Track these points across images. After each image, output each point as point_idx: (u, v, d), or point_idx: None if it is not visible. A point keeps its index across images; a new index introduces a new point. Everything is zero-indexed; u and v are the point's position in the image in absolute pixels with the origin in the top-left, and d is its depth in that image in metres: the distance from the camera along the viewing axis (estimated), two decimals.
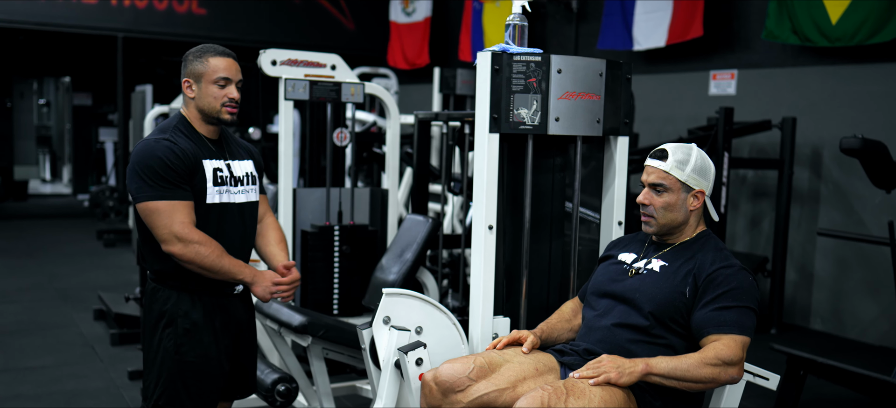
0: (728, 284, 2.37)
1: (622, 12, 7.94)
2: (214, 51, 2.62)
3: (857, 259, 6.22)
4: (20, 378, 4.72)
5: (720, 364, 2.29)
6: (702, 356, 2.30)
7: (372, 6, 11.91)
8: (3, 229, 10.46)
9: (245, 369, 2.81)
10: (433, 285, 4.41)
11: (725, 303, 2.35)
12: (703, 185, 2.51)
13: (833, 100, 6.42)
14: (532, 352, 2.52)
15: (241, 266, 2.60)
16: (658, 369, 2.29)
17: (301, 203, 4.57)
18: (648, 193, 2.53)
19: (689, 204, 2.51)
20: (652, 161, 2.53)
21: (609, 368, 2.27)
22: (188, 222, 2.50)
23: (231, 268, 2.56)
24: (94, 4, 10.33)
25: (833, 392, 4.67)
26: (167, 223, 2.48)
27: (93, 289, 6.84)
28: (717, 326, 2.34)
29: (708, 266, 2.42)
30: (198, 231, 2.51)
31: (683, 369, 2.28)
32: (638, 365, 2.28)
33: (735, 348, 2.31)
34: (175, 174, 2.50)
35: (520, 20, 2.72)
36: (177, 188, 2.51)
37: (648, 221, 2.54)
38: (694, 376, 2.29)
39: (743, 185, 7.10)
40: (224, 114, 2.61)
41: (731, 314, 2.34)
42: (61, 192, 14.99)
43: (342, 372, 4.44)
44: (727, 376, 2.31)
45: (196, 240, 2.49)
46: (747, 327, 2.34)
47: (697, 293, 2.40)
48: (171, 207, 2.49)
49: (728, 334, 2.32)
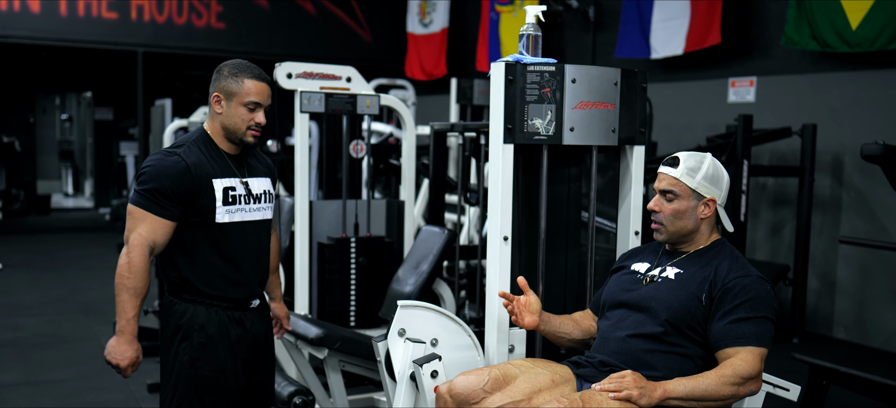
0: (745, 295, 2.34)
1: (639, 20, 7.91)
2: (251, 73, 2.60)
3: (881, 267, 6.13)
4: (41, 391, 4.75)
5: (739, 381, 2.27)
6: (720, 374, 2.27)
7: (389, 17, 11.96)
8: (27, 243, 10.58)
9: (262, 383, 2.80)
10: (450, 297, 4.39)
11: (742, 314, 2.32)
12: (714, 193, 2.48)
13: (854, 106, 6.35)
14: (548, 364, 2.50)
15: (124, 316, 2.48)
16: (677, 392, 2.26)
17: (318, 215, 4.58)
18: (659, 199, 2.52)
19: (699, 212, 2.49)
20: (663, 168, 2.53)
21: (632, 386, 2.23)
22: (146, 238, 2.48)
23: (121, 307, 2.48)
24: (114, 20, 10.45)
25: (856, 403, 4.60)
26: (131, 226, 2.51)
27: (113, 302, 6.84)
28: (735, 339, 2.31)
29: (724, 275, 2.39)
30: (143, 255, 2.46)
31: (703, 390, 2.26)
32: (657, 390, 2.25)
33: (753, 362, 2.28)
34: (168, 192, 2.50)
35: (534, 30, 2.71)
36: (159, 205, 2.50)
37: (658, 228, 2.53)
38: (714, 396, 2.27)
39: (763, 193, 7.03)
40: (248, 137, 2.62)
41: (748, 326, 2.31)
42: (83, 206, 15.14)
43: (359, 384, 4.43)
44: (747, 391, 2.29)
45: (134, 258, 2.46)
46: (764, 338, 2.32)
47: (714, 303, 2.37)
48: (143, 215, 2.51)
49: (745, 348, 2.29)
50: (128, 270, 2.47)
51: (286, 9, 11.33)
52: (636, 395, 2.22)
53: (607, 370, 2.42)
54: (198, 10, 10.85)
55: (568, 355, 2.70)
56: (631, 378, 2.26)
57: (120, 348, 2.50)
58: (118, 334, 2.51)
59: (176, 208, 2.52)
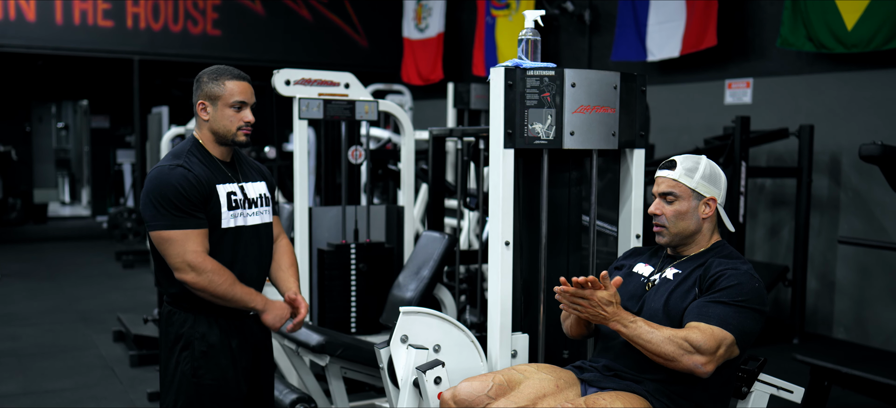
0: (727, 282, 2.33)
1: (635, 23, 7.92)
2: (230, 74, 2.63)
3: (880, 266, 6.14)
4: (40, 401, 4.74)
5: (687, 346, 2.22)
6: (671, 332, 2.25)
7: (385, 23, 11.96)
8: (24, 253, 10.55)
9: (263, 391, 2.80)
10: (451, 302, 4.39)
11: (718, 298, 2.31)
12: (713, 192, 2.49)
13: (851, 106, 6.37)
14: (551, 369, 2.50)
15: (253, 294, 2.60)
16: (625, 323, 2.28)
17: (317, 222, 4.57)
18: (659, 203, 2.52)
19: (700, 212, 2.49)
20: (661, 171, 2.54)
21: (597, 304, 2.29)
22: (201, 251, 2.50)
23: (243, 296, 2.56)
24: (110, 28, 10.44)
25: (858, 403, 4.60)
26: (180, 252, 2.48)
27: (112, 310, 6.87)
28: (699, 314, 2.29)
29: (715, 268, 2.39)
30: (211, 260, 2.51)
31: (647, 337, 2.25)
32: (614, 314, 2.28)
33: (708, 338, 2.23)
34: (189, 203, 2.50)
35: (532, 35, 2.71)
36: (190, 216, 2.51)
37: (661, 231, 2.53)
38: (655, 347, 2.24)
39: (761, 194, 7.04)
40: (239, 136, 2.62)
41: (718, 308, 2.29)
42: (80, 214, 15.11)
43: (361, 391, 4.42)
44: (691, 362, 2.22)
45: (209, 269, 2.49)
46: (731, 324, 2.27)
47: (701, 293, 2.37)
48: (184, 235, 2.49)
49: (707, 325, 2.26)
50: (218, 280, 2.50)
51: (282, 15, 11.33)
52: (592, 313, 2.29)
53: (611, 375, 2.42)
54: (194, 18, 10.85)
55: (571, 360, 2.69)
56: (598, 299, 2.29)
57: (274, 312, 2.64)
58: (263, 311, 2.63)
59: (201, 216, 2.54)
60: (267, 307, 2.62)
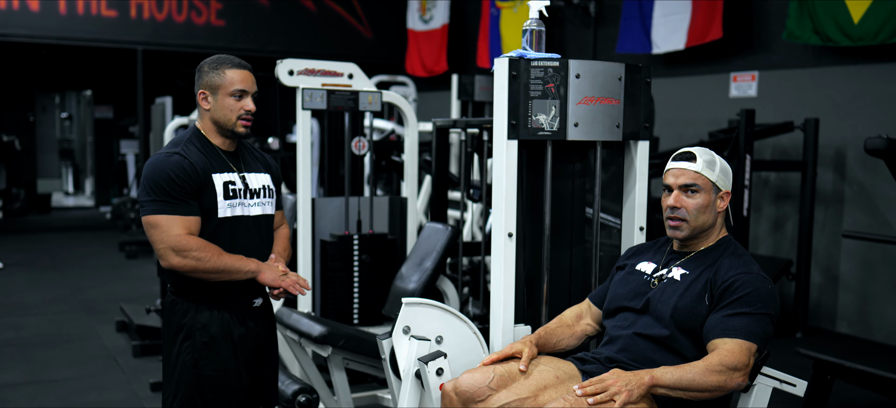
0: (743, 290, 2.31)
1: (640, 16, 7.89)
2: (231, 62, 2.62)
3: (884, 261, 6.12)
4: (43, 391, 4.75)
5: (725, 371, 2.22)
6: (706, 364, 2.24)
7: (389, 14, 11.94)
8: (28, 243, 10.57)
9: (266, 382, 2.80)
10: (453, 293, 4.39)
11: (737, 309, 2.30)
12: (728, 186, 2.49)
13: (856, 100, 6.34)
14: (553, 361, 2.49)
15: (244, 260, 2.58)
16: (664, 380, 2.23)
17: (320, 212, 4.57)
18: (679, 195, 2.46)
19: (717, 205, 2.48)
20: (680, 163, 2.47)
21: (617, 387, 2.20)
22: (184, 234, 2.48)
23: (233, 264, 2.54)
24: (114, 18, 10.43)
25: (861, 397, 4.59)
26: (163, 237, 2.48)
27: (115, 301, 6.88)
28: (723, 330, 2.28)
29: (725, 272, 2.37)
30: (194, 238, 2.50)
31: (689, 379, 2.23)
32: (643, 377, 2.22)
33: (739, 354, 2.24)
34: (181, 190, 2.50)
35: (537, 25, 2.69)
36: (180, 203, 2.50)
37: (679, 225, 2.47)
38: (700, 385, 2.22)
39: (765, 187, 7.02)
40: (239, 126, 2.61)
41: (740, 320, 2.28)
42: (84, 204, 15.13)
43: (363, 382, 4.43)
44: (733, 383, 2.24)
45: (193, 247, 2.48)
46: (755, 334, 2.28)
47: (714, 300, 2.35)
48: (169, 221, 2.48)
49: (733, 339, 2.26)
50: (204, 255, 2.48)
51: (286, 6, 11.31)
52: (625, 396, 2.17)
53: (613, 366, 2.41)
54: (197, 8, 10.83)
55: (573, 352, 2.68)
56: (612, 380, 2.21)
57: (270, 271, 2.60)
58: (257, 272, 2.58)
59: (193, 204, 2.53)
60: (261, 268, 2.60)
